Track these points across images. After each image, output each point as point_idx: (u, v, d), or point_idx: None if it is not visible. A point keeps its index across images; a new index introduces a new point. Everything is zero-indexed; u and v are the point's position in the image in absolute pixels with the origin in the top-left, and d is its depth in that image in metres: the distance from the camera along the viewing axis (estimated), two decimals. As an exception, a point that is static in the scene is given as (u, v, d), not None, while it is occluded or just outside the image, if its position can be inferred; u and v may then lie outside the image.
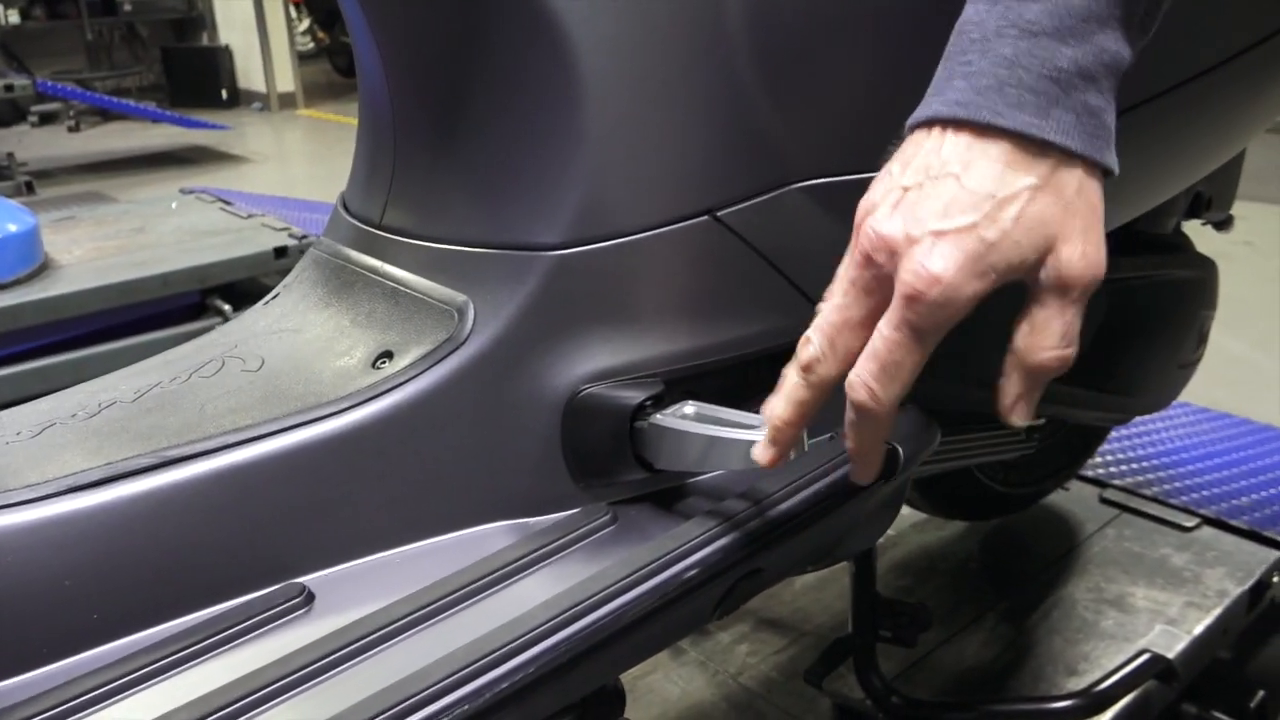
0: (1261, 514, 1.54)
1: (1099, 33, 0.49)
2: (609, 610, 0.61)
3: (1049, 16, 0.49)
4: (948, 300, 0.49)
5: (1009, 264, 0.49)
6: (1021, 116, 0.48)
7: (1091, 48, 0.49)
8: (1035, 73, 0.48)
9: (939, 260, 0.49)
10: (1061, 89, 0.48)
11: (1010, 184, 0.48)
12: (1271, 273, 3.31)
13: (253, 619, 0.59)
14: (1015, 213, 0.48)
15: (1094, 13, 0.49)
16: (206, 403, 0.66)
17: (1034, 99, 0.48)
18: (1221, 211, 1.14)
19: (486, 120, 0.69)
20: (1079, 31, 0.49)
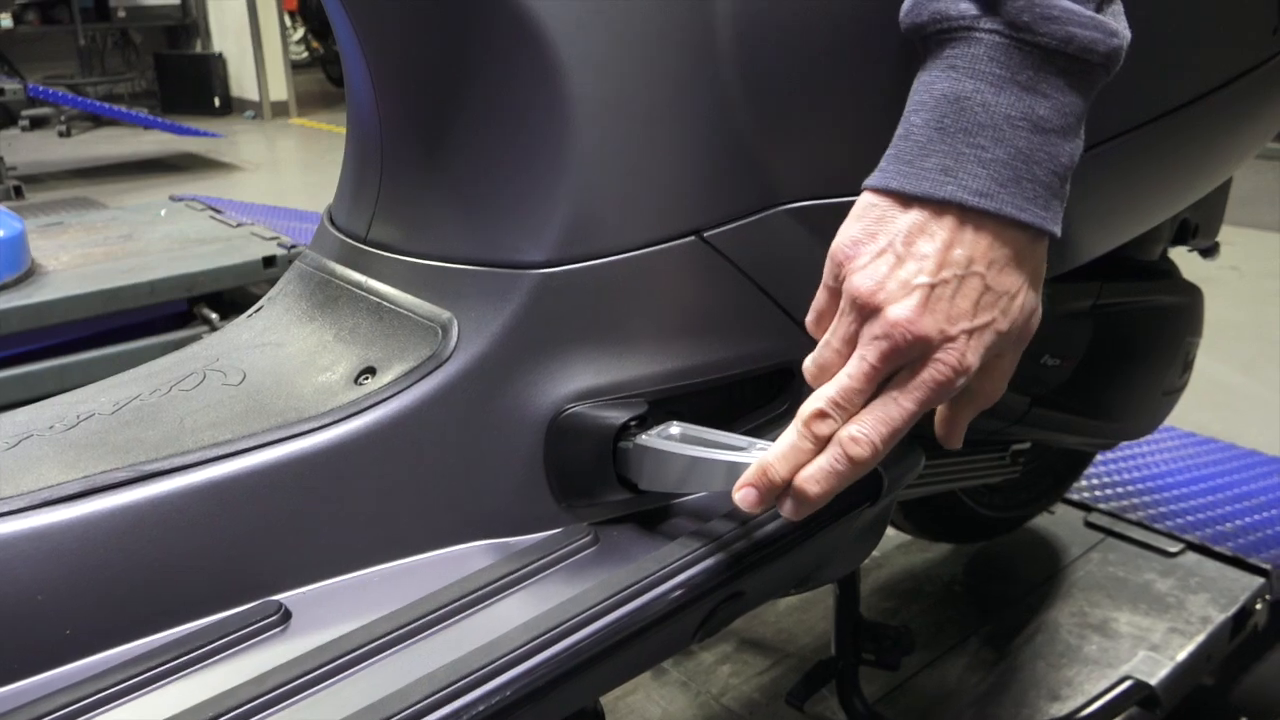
0: (1246, 540, 1.54)
1: (1081, 128, 0.54)
2: (589, 632, 0.61)
3: (1058, 115, 0.53)
4: (984, 395, 0.60)
5: (1016, 346, 0.58)
6: (1035, 210, 0.53)
7: (1077, 145, 0.54)
8: (1047, 168, 0.53)
9: (974, 355, 0.54)
10: (1060, 182, 0.54)
11: (1018, 279, 0.55)
12: (1258, 297, 3.33)
13: (228, 636, 0.59)
14: (1020, 303, 0.55)
15: (1081, 111, 0.54)
16: (186, 416, 0.65)
17: (1044, 194, 0.53)
18: (1208, 239, 1.15)
19: (474, 137, 0.69)
20: (1073, 130, 0.54)
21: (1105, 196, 0.81)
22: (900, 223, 0.54)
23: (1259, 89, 0.89)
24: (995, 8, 0.52)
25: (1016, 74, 0.52)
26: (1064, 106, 0.53)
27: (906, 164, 0.54)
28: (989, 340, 0.55)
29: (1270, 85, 0.91)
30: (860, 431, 0.55)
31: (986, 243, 0.53)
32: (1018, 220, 0.53)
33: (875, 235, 0.55)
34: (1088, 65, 0.53)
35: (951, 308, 0.54)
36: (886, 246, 0.55)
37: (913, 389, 0.55)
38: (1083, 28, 0.52)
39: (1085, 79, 0.53)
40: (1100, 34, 0.52)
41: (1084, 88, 0.54)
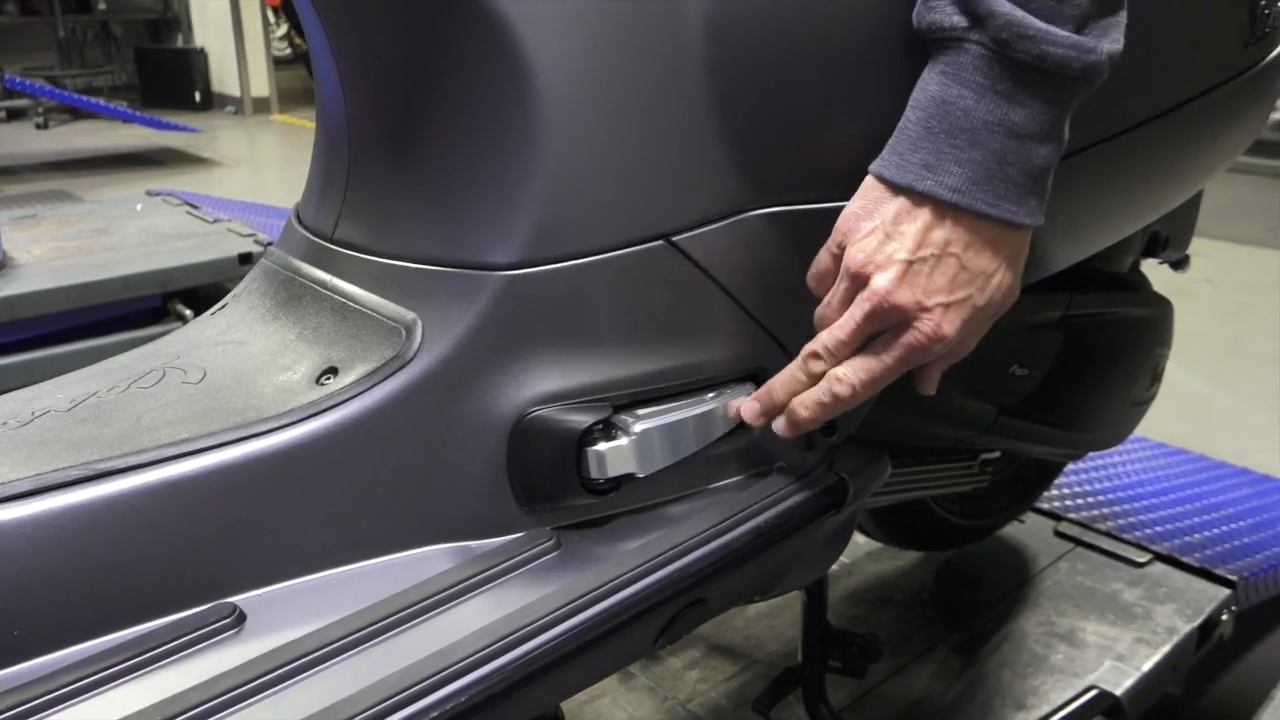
0: (1213, 551, 1.54)
1: (1060, 132, 0.60)
2: (547, 638, 0.61)
3: (1032, 123, 0.59)
4: (951, 351, 0.64)
5: (991, 319, 0.64)
6: (1007, 206, 0.60)
7: (1053, 147, 0.60)
8: (1020, 169, 0.59)
9: (949, 325, 0.61)
10: (1034, 181, 0.60)
11: (994, 261, 0.61)
12: (1232, 310, 3.36)
13: (180, 639, 0.58)
14: (997, 282, 0.62)
15: (1059, 119, 0.60)
16: (143, 414, 0.65)
17: (1016, 191, 0.59)
18: (1178, 251, 1.15)
19: (442, 137, 0.68)
20: (1050, 135, 0.59)
21: (1075, 208, 0.81)
22: (889, 206, 0.62)
23: (1229, 103, 0.90)
24: (982, 23, 0.58)
25: (997, 84, 0.58)
26: (1040, 114, 0.59)
27: (898, 155, 0.61)
28: (965, 314, 0.62)
29: (1241, 99, 0.91)
30: (845, 373, 0.64)
31: (962, 230, 0.60)
32: (988, 215, 0.60)
33: (871, 214, 0.63)
34: (1062, 79, 0.58)
35: (928, 283, 0.61)
36: (878, 225, 0.62)
37: (893, 348, 0.63)
38: (1057, 46, 0.57)
39: (1062, 91, 0.59)
40: (1075, 52, 0.57)
41: (1061, 99, 0.59)
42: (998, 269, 0.62)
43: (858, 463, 0.78)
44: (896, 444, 0.93)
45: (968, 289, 0.61)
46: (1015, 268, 0.63)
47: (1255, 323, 3.24)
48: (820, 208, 0.71)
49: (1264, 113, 1.00)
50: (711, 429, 0.70)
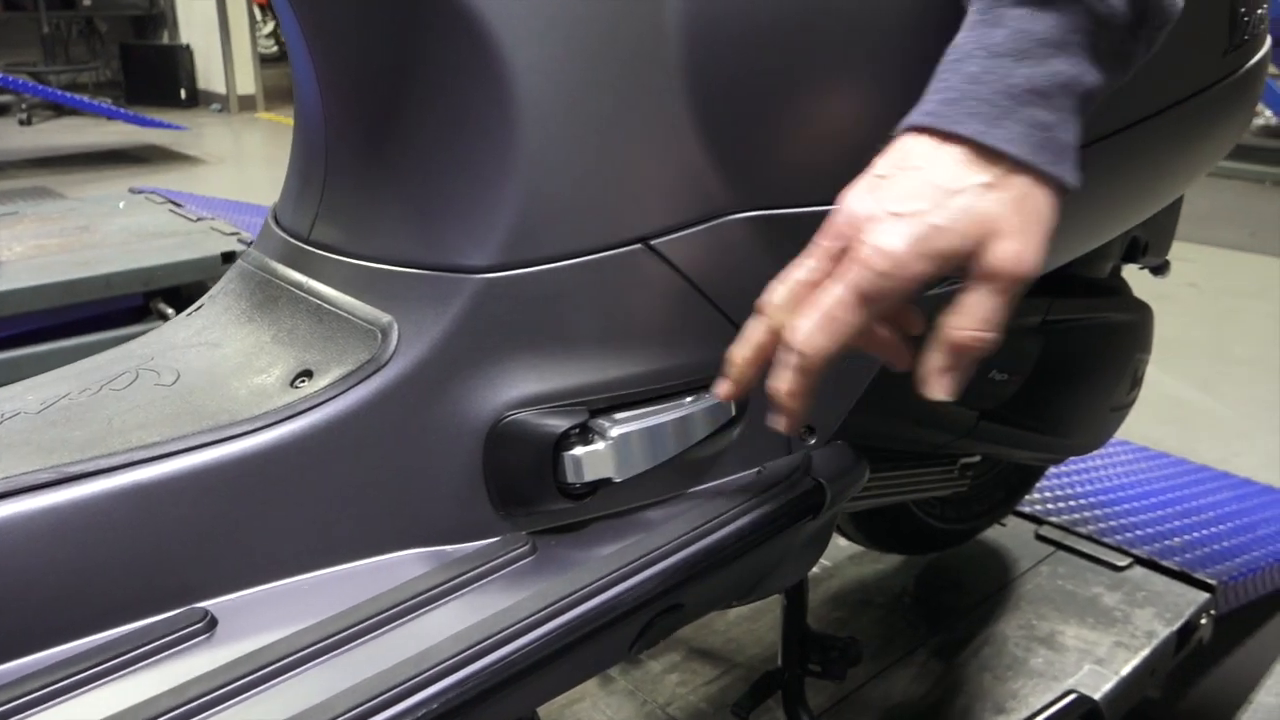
0: (1193, 555, 1.55)
1: (1055, 56, 0.55)
2: (521, 644, 0.60)
3: (1010, 40, 0.55)
4: (893, 272, 0.55)
5: (951, 248, 0.55)
6: (974, 125, 0.55)
7: (1045, 69, 0.55)
8: (991, 88, 0.55)
9: (893, 237, 0.55)
10: (1014, 103, 0.55)
11: (962, 180, 0.55)
12: (1216, 314, 3.37)
13: (150, 644, 0.57)
14: (962, 204, 0.55)
15: (1051, 39, 0.55)
16: (114, 417, 0.64)
17: (988, 110, 0.55)
18: (1158, 257, 1.16)
19: (419, 138, 0.68)
20: (1035, 54, 0.55)
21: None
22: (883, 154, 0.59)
23: (1209, 109, 0.90)
24: None
25: (983, 12, 0.57)
26: (1021, 33, 0.55)
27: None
28: (915, 228, 0.55)
29: (1220, 106, 0.92)
30: (796, 321, 0.59)
31: (927, 147, 0.56)
32: (951, 132, 0.55)
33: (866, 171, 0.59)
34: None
35: (886, 194, 0.56)
36: (867, 170, 0.59)
37: (839, 272, 0.57)
38: None
39: (1043, 4, 0.55)
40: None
41: (1050, 12, 0.55)
42: (964, 189, 0.55)
43: (836, 467, 0.78)
44: (876, 448, 0.93)
45: (922, 202, 0.55)
46: (993, 196, 0.55)
47: (1238, 327, 3.26)
48: (799, 212, 0.70)
49: (1244, 119, 1.00)
50: (689, 433, 0.70)
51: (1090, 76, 0.56)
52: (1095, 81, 0.57)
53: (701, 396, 0.71)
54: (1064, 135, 0.56)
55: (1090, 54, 0.56)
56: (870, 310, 0.57)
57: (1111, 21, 0.56)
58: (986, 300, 0.56)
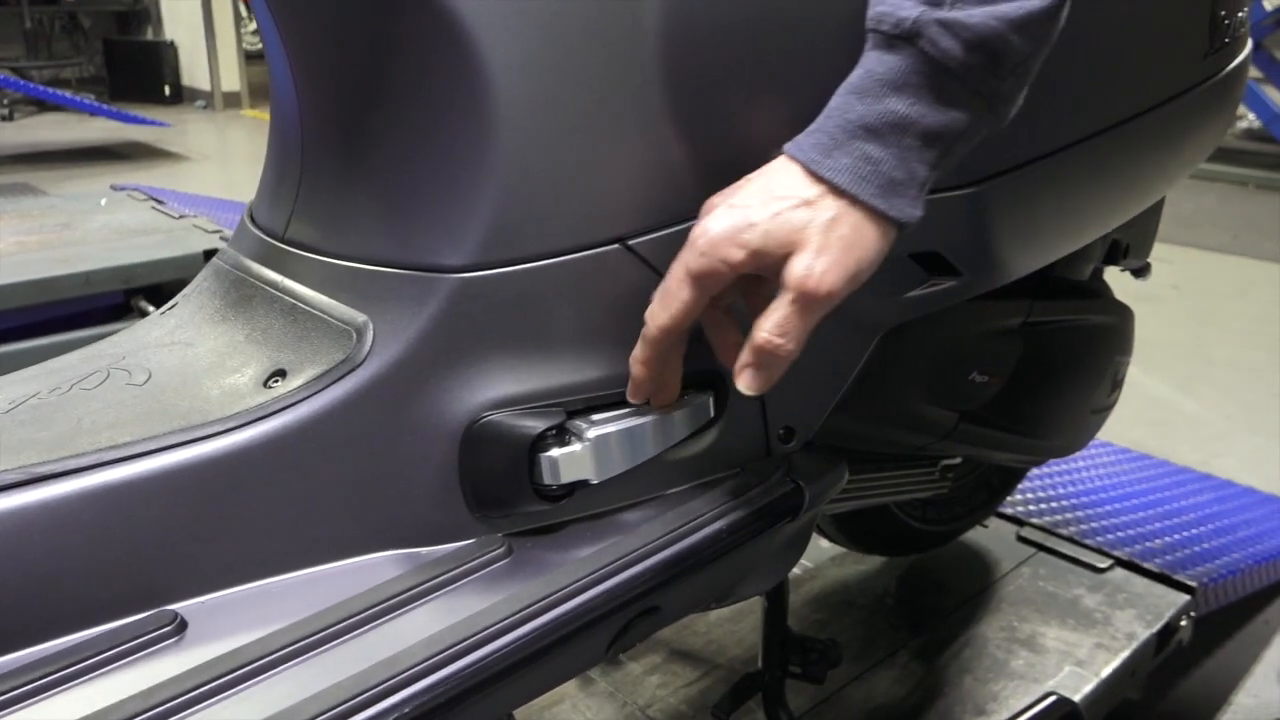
0: (1173, 557, 1.55)
1: (890, 96, 0.58)
2: (495, 647, 0.60)
3: (858, 78, 0.60)
4: (708, 251, 0.61)
5: (759, 245, 0.60)
6: (811, 153, 0.60)
7: (880, 108, 0.58)
8: (834, 121, 0.60)
9: (716, 221, 0.61)
10: (847, 136, 0.59)
11: (786, 193, 0.60)
12: (1198, 316, 3.39)
13: (118, 647, 0.57)
14: (777, 209, 0.60)
15: (889, 79, 0.58)
16: (84, 416, 0.63)
17: (825, 140, 0.60)
18: (1139, 259, 1.16)
19: (395, 136, 0.67)
20: (873, 93, 0.58)
21: (1036, 215, 0.81)
22: None
23: (1189, 112, 0.90)
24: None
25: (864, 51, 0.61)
26: (867, 73, 0.59)
27: None
28: (736, 219, 0.60)
29: (1200, 109, 0.92)
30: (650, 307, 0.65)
31: (781, 164, 0.61)
32: (793, 155, 0.61)
33: None
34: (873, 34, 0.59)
35: (735, 192, 0.62)
36: None
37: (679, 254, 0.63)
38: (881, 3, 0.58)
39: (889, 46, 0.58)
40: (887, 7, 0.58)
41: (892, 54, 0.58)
42: (783, 199, 0.60)
43: (814, 470, 0.77)
44: (856, 450, 0.92)
45: (751, 200, 0.61)
46: (806, 213, 0.59)
47: (1220, 329, 3.28)
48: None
49: (1224, 122, 1.00)
50: (666, 435, 0.70)
51: (931, 118, 0.58)
52: (940, 122, 0.58)
53: (680, 397, 0.70)
54: (894, 171, 0.59)
55: (930, 95, 0.58)
56: (698, 287, 0.62)
57: (948, 65, 0.57)
58: (786, 310, 0.60)
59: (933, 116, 0.58)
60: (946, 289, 0.79)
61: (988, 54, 0.56)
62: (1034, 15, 0.56)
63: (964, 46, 0.56)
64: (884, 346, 0.80)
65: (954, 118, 0.58)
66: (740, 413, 0.74)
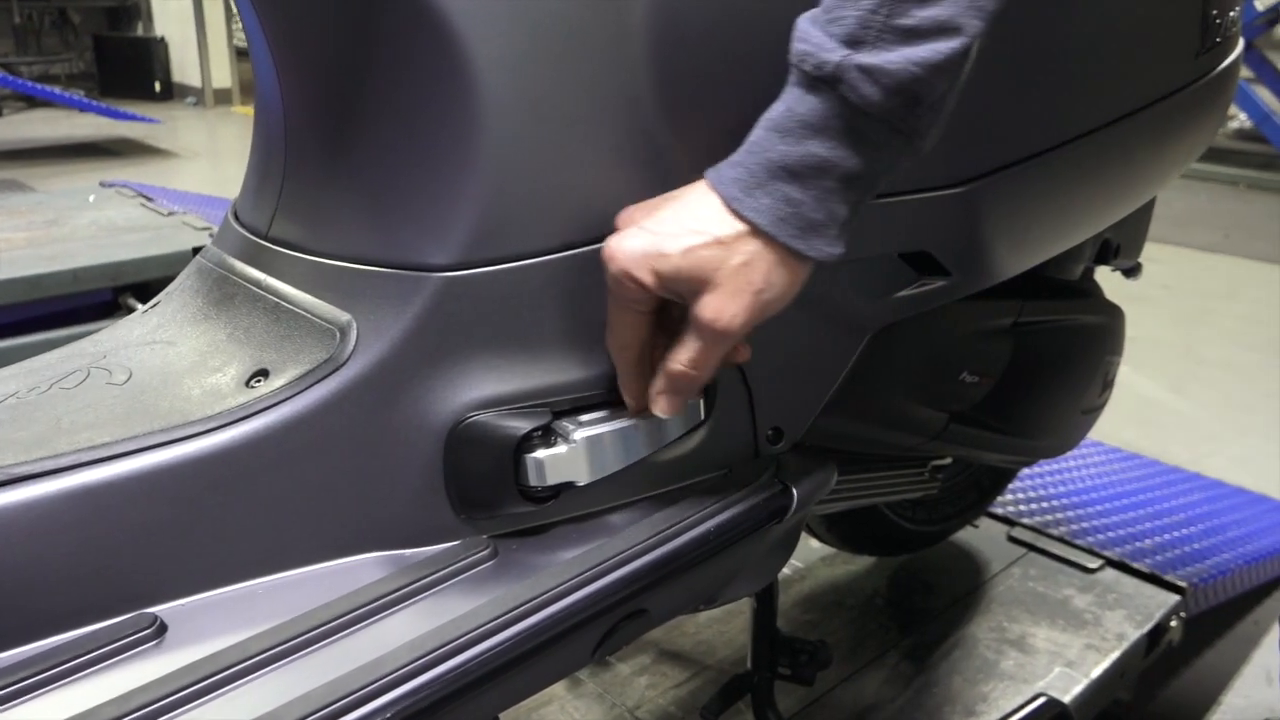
0: (1163, 557, 1.55)
1: (811, 139, 0.58)
2: (480, 650, 0.59)
3: (780, 117, 0.59)
4: (620, 273, 0.61)
5: (670, 274, 0.60)
6: (733, 189, 0.60)
7: (800, 149, 0.58)
8: (756, 158, 0.59)
9: (629, 240, 0.61)
10: (769, 176, 0.59)
11: (702, 226, 0.60)
12: (1189, 316, 3.40)
13: (96, 651, 0.56)
14: (690, 244, 0.60)
15: (811, 121, 0.58)
16: (63, 416, 0.62)
17: (746, 177, 0.59)
18: (1130, 259, 1.15)
19: (380, 134, 0.66)
20: (794, 134, 0.58)
21: (1025, 214, 0.81)
22: None
23: (1180, 112, 0.89)
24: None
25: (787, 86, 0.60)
26: (788, 112, 0.58)
27: None
28: (648, 244, 0.60)
29: (1192, 109, 0.91)
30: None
31: (702, 192, 0.61)
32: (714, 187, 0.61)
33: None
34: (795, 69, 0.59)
35: (654, 211, 0.63)
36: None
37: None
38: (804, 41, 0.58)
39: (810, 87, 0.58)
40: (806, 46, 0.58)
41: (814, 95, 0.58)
42: (699, 233, 0.60)
43: (803, 471, 0.77)
44: (845, 451, 0.92)
45: (668, 227, 0.61)
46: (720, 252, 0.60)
47: (1211, 329, 3.28)
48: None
49: (1215, 121, 1.00)
50: (653, 437, 0.69)
51: (852, 161, 0.58)
52: (859, 165, 0.58)
53: None
54: (814, 214, 0.59)
55: (851, 139, 0.58)
56: (618, 304, 0.63)
57: (868, 109, 0.56)
58: (694, 343, 0.62)
59: (853, 160, 0.58)
60: (936, 289, 0.79)
61: (907, 97, 0.56)
62: (951, 58, 0.56)
63: (884, 92, 0.56)
64: (874, 347, 0.80)
65: (874, 159, 0.58)
66: (729, 414, 0.74)
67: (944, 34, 0.55)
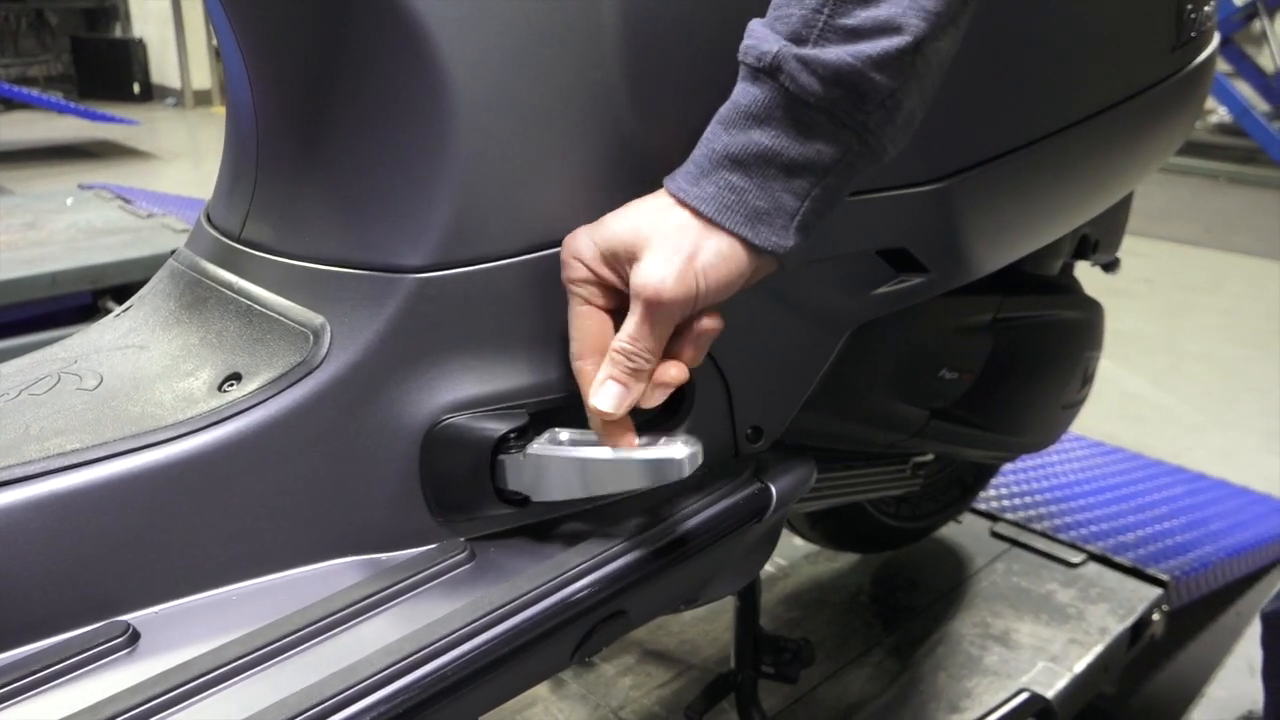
0: (1146, 551, 1.56)
1: (754, 128, 0.59)
2: (457, 654, 0.59)
3: (726, 110, 0.60)
4: (565, 256, 0.64)
5: (605, 243, 0.62)
6: (678, 183, 0.61)
7: (744, 139, 0.59)
8: (703, 151, 0.61)
9: (573, 234, 0.64)
10: (713, 166, 0.60)
11: (649, 208, 0.62)
12: (1170, 310, 3.41)
13: (68, 660, 0.55)
14: (630, 214, 0.62)
15: (754, 111, 0.59)
16: (32, 423, 0.61)
17: (693, 169, 0.61)
18: (1109, 254, 1.16)
19: (351, 135, 0.66)
20: (738, 124, 0.60)
21: (1002, 210, 0.81)
22: None
23: (1156, 106, 0.90)
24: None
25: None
26: (733, 104, 0.60)
27: None
28: (596, 229, 0.63)
29: (1167, 104, 0.92)
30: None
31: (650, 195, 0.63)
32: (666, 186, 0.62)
33: None
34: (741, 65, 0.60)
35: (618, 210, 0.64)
36: None
37: None
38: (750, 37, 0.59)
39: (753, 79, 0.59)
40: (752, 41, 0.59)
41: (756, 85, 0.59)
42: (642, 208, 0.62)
43: (783, 469, 0.76)
44: (826, 448, 0.92)
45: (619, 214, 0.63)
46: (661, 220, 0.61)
47: (1192, 322, 3.30)
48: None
49: (1192, 116, 1.00)
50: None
51: (795, 150, 0.59)
52: (803, 154, 0.59)
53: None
54: (758, 201, 0.59)
55: (793, 128, 0.58)
56: (573, 302, 0.64)
57: (807, 100, 0.57)
58: (634, 318, 0.61)
59: (795, 149, 0.59)
60: (914, 286, 0.78)
61: (848, 89, 0.57)
62: (890, 54, 0.56)
63: (821, 82, 0.56)
64: (853, 344, 0.80)
65: (818, 150, 0.59)
66: (707, 413, 0.73)
67: (885, 33, 0.56)
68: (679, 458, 0.61)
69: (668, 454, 0.62)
